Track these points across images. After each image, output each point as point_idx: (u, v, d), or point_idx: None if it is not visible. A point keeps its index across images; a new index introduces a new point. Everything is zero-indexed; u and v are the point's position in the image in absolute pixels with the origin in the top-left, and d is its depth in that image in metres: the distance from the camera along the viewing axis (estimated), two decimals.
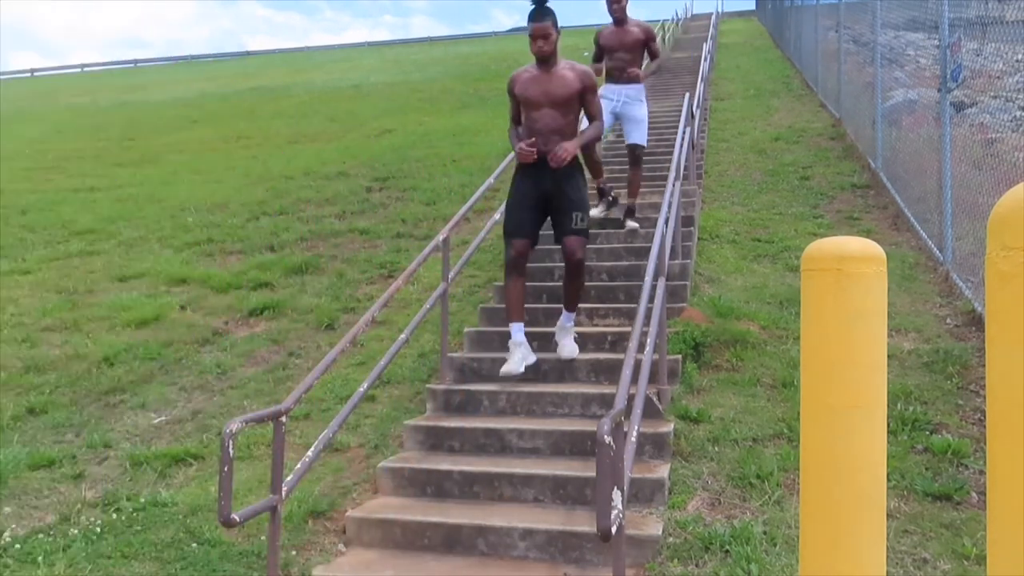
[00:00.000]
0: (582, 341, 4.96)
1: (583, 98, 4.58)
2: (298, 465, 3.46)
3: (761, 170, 9.01)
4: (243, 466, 4.21)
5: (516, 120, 4.75)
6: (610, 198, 6.92)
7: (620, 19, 6.50)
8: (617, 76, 6.58)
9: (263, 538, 3.49)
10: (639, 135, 6.62)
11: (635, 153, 6.65)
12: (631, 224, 6.61)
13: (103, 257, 7.93)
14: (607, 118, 6.28)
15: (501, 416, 4.38)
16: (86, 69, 36.42)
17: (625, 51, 6.53)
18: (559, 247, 4.72)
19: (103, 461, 4.45)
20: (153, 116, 17.97)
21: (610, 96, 6.58)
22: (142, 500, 3.97)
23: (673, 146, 6.79)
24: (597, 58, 6.77)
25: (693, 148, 7.84)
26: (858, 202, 7.60)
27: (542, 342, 5.03)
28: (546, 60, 4.50)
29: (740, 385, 4.51)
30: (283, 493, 3.25)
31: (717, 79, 14.98)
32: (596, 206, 6.74)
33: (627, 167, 7.16)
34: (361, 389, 3.95)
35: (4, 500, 4.04)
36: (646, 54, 6.75)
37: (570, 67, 4.56)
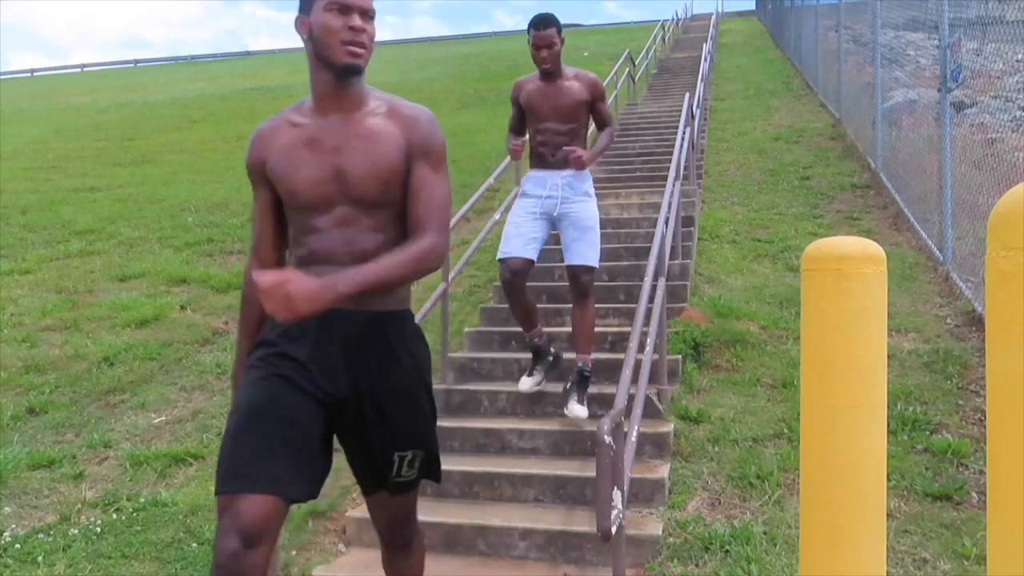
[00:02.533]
0: None
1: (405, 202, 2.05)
2: None
3: (761, 170, 9.01)
4: None
5: (256, 247, 2.14)
6: (551, 357, 4.34)
7: (550, 71, 4.08)
8: (547, 157, 4.13)
9: None
10: (588, 250, 4.03)
11: (581, 281, 4.02)
12: (576, 409, 4.02)
13: (103, 257, 7.93)
14: (535, 227, 4.10)
15: (501, 416, 4.38)
16: (86, 69, 36.44)
17: (558, 119, 4.09)
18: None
19: (103, 461, 4.45)
20: (153, 116, 17.97)
21: (536, 191, 4.15)
22: (142, 500, 3.97)
23: (673, 146, 6.79)
24: (515, 125, 4.33)
25: (693, 148, 7.85)
26: (858, 202, 7.60)
27: None
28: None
29: (740, 385, 4.51)
30: None
31: (717, 79, 14.98)
32: (528, 374, 4.33)
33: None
34: None
35: (4, 500, 4.04)
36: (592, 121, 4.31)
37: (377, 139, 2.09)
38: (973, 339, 4.73)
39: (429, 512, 3.60)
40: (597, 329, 5.07)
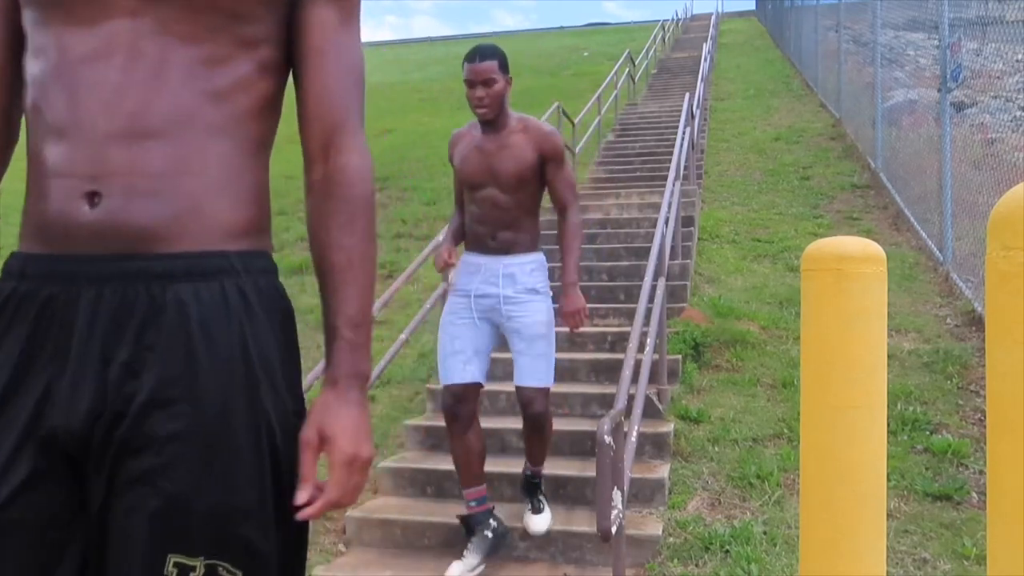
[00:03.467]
0: (582, 341, 4.97)
1: None
2: None
3: (761, 170, 9.02)
4: None
5: None
6: (489, 532, 3.11)
7: (491, 119, 2.99)
8: (485, 239, 3.06)
9: None
10: (537, 365, 3.04)
11: (532, 409, 3.03)
12: (534, 523, 3.23)
13: None
14: (476, 336, 3.05)
15: (501, 416, 4.38)
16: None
17: (499, 187, 3.00)
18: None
19: None
20: None
21: (469, 285, 3.06)
22: None
23: (673, 146, 6.79)
24: (461, 196, 3.19)
25: (693, 148, 7.85)
26: (858, 202, 7.61)
27: None
28: None
29: (740, 385, 4.51)
30: None
31: (717, 79, 14.98)
32: (461, 556, 3.12)
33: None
34: None
35: None
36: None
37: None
38: (973, 339, 4.73)
39: (429, 512, 3.60)
40: (597, 329, 5.08)
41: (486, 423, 4.21)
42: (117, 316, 0.89)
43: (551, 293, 3.11)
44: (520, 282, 3.03)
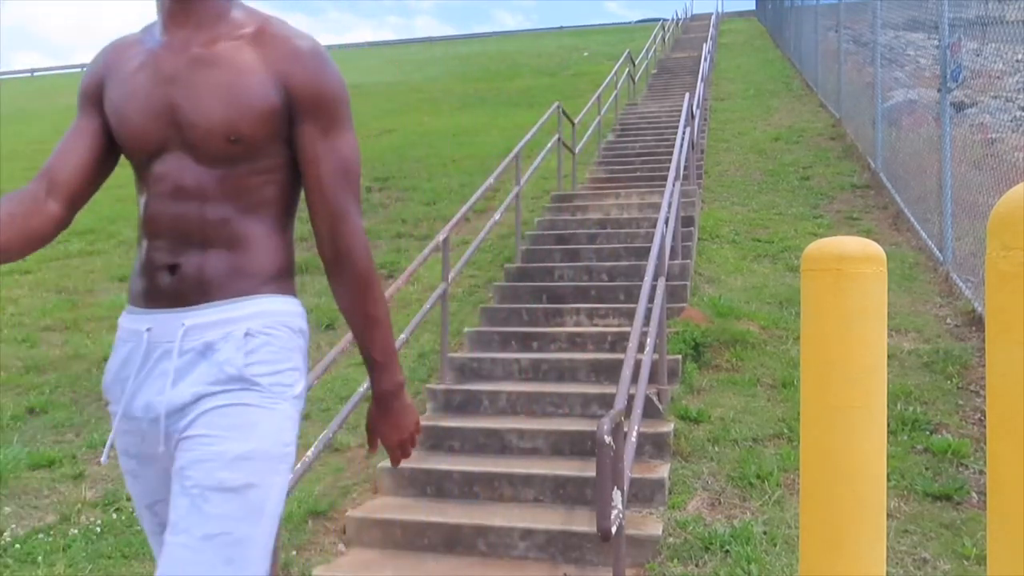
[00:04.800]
0: (582, 341, 4.97)
1: None
2: (298, 465, 3.46)
3: (761, 170, 9.01)
4: None
5: None
6: None
7: None
8: (156, 271, 1.31)
9: None
10: (206, 563, 1.14)
11: None
12: None
13: (103, 257, 7.93)
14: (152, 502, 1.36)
15: (501, 416, 4.38)
16: (86, 69, 36.36)
17: (189, 151, 1.30)
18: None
19: None
20: None
21: (114, 384, 1.33)
22: None
23: (673, 146, 6.79)
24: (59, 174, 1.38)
25: (693, 148, 7.84)
26: (858, 202, 7.60)
27: (542, 342, 5.04)
28: None
29: (740, 385, 4.51)
30: None
31: (717, 79, 14.98)
32: None
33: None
34: (361, 389, 3.95)
35: (4, 500, 4.04)
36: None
37: None
38: (973, 339, 4.73)
39: (429, 512, 3.60)
40: (597, 329, 5.08)
41: (486, 423, 4.21)
42: None
43: (297, 391, 1.33)
44: (218, 364, 1.28)
